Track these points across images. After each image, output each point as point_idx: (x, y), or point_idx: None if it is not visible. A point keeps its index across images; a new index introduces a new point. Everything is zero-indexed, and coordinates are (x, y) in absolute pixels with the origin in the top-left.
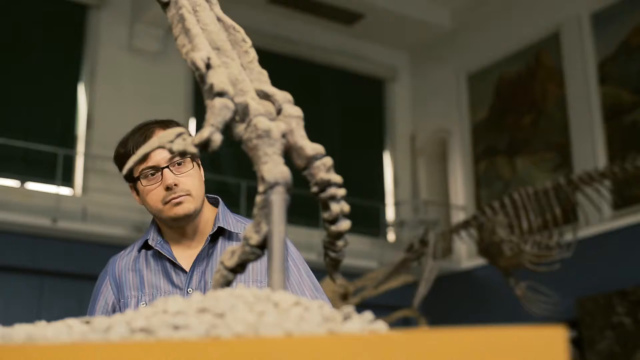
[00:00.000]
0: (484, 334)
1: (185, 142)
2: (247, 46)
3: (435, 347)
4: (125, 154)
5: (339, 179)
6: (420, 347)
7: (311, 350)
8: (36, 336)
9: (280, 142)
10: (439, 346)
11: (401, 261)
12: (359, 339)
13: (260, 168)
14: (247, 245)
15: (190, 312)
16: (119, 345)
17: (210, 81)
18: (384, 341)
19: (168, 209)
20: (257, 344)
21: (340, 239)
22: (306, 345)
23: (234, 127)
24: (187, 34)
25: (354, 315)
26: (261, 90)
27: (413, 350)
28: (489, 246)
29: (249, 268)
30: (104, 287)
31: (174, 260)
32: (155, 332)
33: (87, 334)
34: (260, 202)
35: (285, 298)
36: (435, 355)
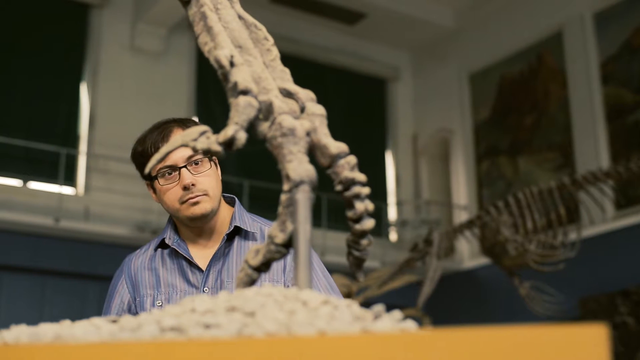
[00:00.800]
0: (521, 332)
1: (209, 141)
2: (269, 44)
3: (471, 346)
4: (143, 152)
5: (363, 178)
6: (456, 345)
7: (345, 349)
8: (64, 336)
9: (305, 140)
10: (475, 344)
11: (405, 261)
12: (394, 337)
13: (285, 166)
14: (272, 244)
15: (219, 310)
16: (150, 344)
17: (234, 79)
18: (419, 340)
19: (185, 209)
20: (290, 343)
21: (365, 238)
22: (340, 344)
23: (258, 126)
24: (209, 31)
25: (384, 314)
26: (284, 89)
27: (449, 348)
28: (494, 246)
29: None
30: (120, 286)
31: (191, 259)
32: (186, 331)
33: (117, 334)
34: (285, 201)
35: (314, 297)
36: (471, 354)
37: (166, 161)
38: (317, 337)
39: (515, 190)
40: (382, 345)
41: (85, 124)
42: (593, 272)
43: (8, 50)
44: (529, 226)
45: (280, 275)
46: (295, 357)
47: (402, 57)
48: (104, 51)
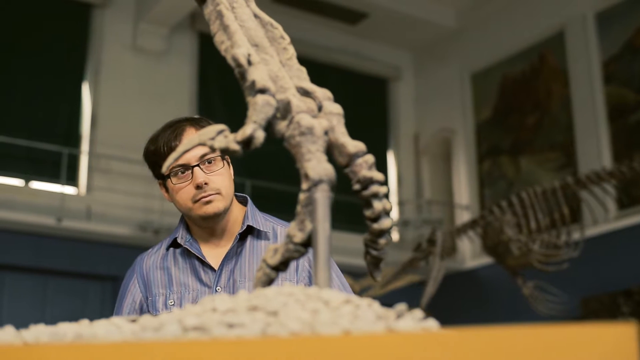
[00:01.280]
0: (548, 332)
1: (227, 140)
2: (286, 43)
3: (498, 345)
4: (156, 151)
5: (381, 177)
6: (483, 344)
7: (370, 349)
8: (86, 335)
9: (323, 139)
10: (502, 343)
11: (409, 261)
12: (419, 337)
13: (304, 165)
14: (291, 243)
15: (241, 310)
16: (175, 344)
17: (251, 78)
18: (445, 339)
19: (198, 208)
20: (315, 343)
21: (383, 237)
22: (365, 343)
23: (275, 124)
24: (225, 30)
25: (407, 312)
26: (301, 87)
27: (475, 347)
28: (497, 245)
29: None
30: (132, 285)
31: (203, 258)
32: (209, 330)
33: (139, 333)
34: (304, 200)
35: (335, 296)
36: (498, 353)
37: (179, 160)
38: (342, 337)
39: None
40: (407, 345)
41: (87, 123)
42: (595, 271)
43: (10, 50)
44: (533, 226)
45: (293, 275)
46: (321, 356)
47: (403, 56)
48: (106, 51)
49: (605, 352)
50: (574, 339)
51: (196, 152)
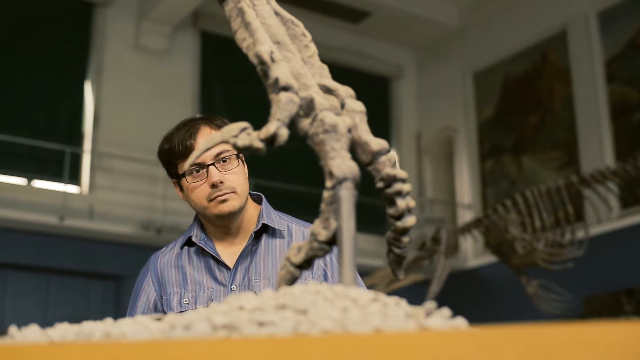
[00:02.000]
0: (579, 330)
1: (250, 137)
2: (307, 40)
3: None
4: (170, 150)
5: (405, 175)
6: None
7: (403, 347)
8: (114, 334)
9: (347, 137)
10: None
11: (413, 259)
12: (452, 335)
13: (328, 163)
14: (315, 241)
15: (269, 308)
16: (206, 343)
17: (274, 75)
18: (479, 337)
19: (213, 207)
20: (348, 341)
21: (406, 235)
22: (398, 341)
23: (298, 122)
24: (247, 27)
25: (436, 310)
26: (323, 85)
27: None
28: (502, 244)
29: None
30: (146, 284)
31: (218, 256)
32: (239, 329)
33: (168, 332)
34: (328, 198)
35: (363, 294)
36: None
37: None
38: (374, 335)
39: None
40: (440, 343)
41: (89, 122)
42: (598, 270)
43: (12, 49)
44: (537, 225)
45: (308, 274)
46: (354, 355)
47: (405, 55)
48: (108, 49)
49: (608, 351)
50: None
51: (211, 151)
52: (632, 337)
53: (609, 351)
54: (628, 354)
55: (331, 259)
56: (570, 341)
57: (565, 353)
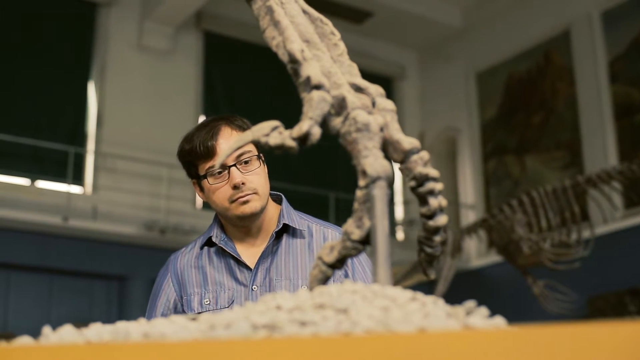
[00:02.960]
0: (627, 328)
1: (282, 136)
2: (336, 39)
3: (579, 341)
4: (191, 150)
5: (436, 173)
6: (564, 341)
7: (448, 346)
8: (153, 335)
9: (379, 135)
10: (579, 340)
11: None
12: (497, 334)
13: (361, 162)
14: (349, 240)
15: (307, 308)
16: (251, 342)
17: (306, 73)
18: (525, 336)
19: (235, 208)
20: (393, 340)
21: (437, 234)
22: (443, 340)
23: (330, 121)
24: (276, 26)
25: (476, 309)
26: (353, 83)
27: (555, 345)
28: (508, 244)
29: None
30: (166, 285)
31: (238, 257)
32: (281, 328)
33: (207, 332)
34: (361, 197)
35: (401, 293)
36: (575, 350)
37: (215, 160)
38: (419, 334)
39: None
40: (486, 342)
41: (92, 122)
42: (602, 270)
43: (15, 49)
44: (543, 225)
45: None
46: (399, 354)
47: (408, 55)
48: (112, 50)
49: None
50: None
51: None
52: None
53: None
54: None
55: (352, 260)
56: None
57: (613, 353)
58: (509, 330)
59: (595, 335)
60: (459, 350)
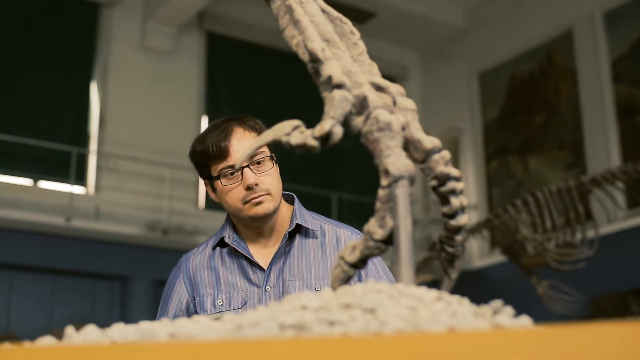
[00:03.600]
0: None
1: (303, 135)
2: (356, 38)
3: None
4: (204, 151)
5: (458, 173)
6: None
7: (480, 345)
8: (180, 335)
9: (401, 135)
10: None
11: (424, 260)
12: (528, 333)
13: (383, 161)
14: (371, 240)
15: (334, 307)
16: (280, 343)
17: (327, 72)
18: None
19: (248, 209)
20: (424, 340)
21: (459, 234)
22: (474, 340)
23: (351, 120)
24: (296, 25)
25: (503, 309)
26: (374, 83)
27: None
28: (512, 245)
29: (327, 264)
30: (178, 285)
31: (251, 257)
32: (309, 328)
33: (234, 332)
34: (384, 196)
35: (426, 293)
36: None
37: (228, 161)
38: (449, 334)
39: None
40: (518, 342)
41: (95, 122)
42: (605, 270)
43: (17, 50)
44: (548, 225)
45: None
46: (431, 354)
47: (411, 56)
48: (114, 50)
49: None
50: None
51: (245, 153)
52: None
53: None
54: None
55: None
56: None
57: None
58: (540, 329)
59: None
60: (490, 350)
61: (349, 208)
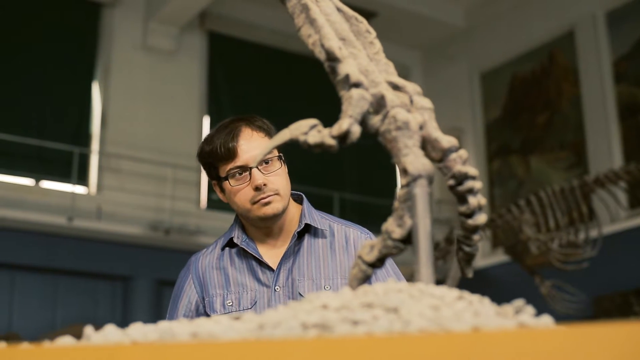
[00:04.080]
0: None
1: (321, 134)
2: (372, 37)
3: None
4: (212, 152)
5: (476, 172)
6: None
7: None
8: (202, 334)
9: (419, 134)
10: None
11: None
12: (556, 332)
13: (402, 160)
14: (390, 239)
15: (355, 307)
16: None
17: (345, 71)
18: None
19: (257, 209)
20: (450, 339)
21: (476, 233)
22: (500, 339)
23: (368, 119)
24: (312, 24)
25: (525, 308)
26: (390, 82)
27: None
28: (516, 245)
29: (336, 264)
30: (187, 286)
31: (260, 258)
32: (332, 328)
33: (257, 331)
34: (402, 195)
35: (447, 292)
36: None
37: (236, 162)
38: (474, 333)
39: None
40: (544, 341)
41: (97, 122)
42: (607, 271)
43: (19, 49)
44: (551, 225)
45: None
46: (457, 353)
47: (412, 55)
48: (116, 50)
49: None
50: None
51: (253, 153)
52: None
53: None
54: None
55: None
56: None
57: None
58: (568, 329)
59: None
60: (517, 349)
61: (350, 208)
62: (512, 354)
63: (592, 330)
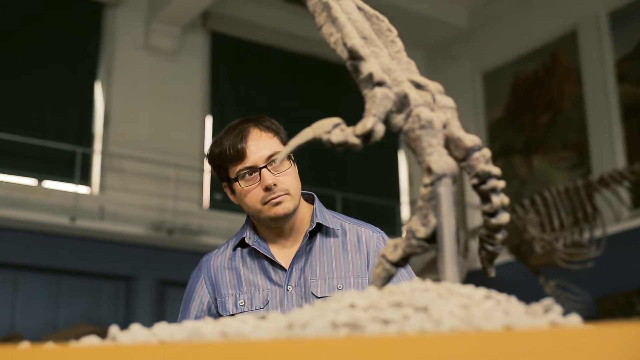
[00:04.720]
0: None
1: (344, 133)
2: (393, 35)
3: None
4: (221, 153)
5: (499, 171)
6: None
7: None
8: (231, 334)
9: (442, 132)
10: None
11: (431, 259)
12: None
13: (426, 159)
14: (414, 239)
15: (383, 306)
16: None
17: (368, 70)
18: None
19: (267, 209)
20: (482, 339)
21: (499, 232)
22: (532, 338)
23: (391, 118)
24: (334, 22)
25: (554, 307)
26: (412, 80)
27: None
28: (520, 245)
29: (349, 263)
30: (199, 287)
31: (272, 258)
32: (363, 327)
33: (285, 330)
34: (426, 194)
35: (475, 291)
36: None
37: (246, 162)
38: (506, 332)
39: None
40: (577, 340)
41: (99, 122)
42: (610, 270)
43: (21, 50)
44: (556, 225)
45: (364, 272)
46: (489, 352)
47: (415, 56)
48: (118, 50)
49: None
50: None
51: (263, 154)
52: None
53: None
54: None
55: None
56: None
57: None
58: (599, 327)
59: None
60: (549, 347)
61: (353, 208)
62: (545, 353)
63: (621, 328)
